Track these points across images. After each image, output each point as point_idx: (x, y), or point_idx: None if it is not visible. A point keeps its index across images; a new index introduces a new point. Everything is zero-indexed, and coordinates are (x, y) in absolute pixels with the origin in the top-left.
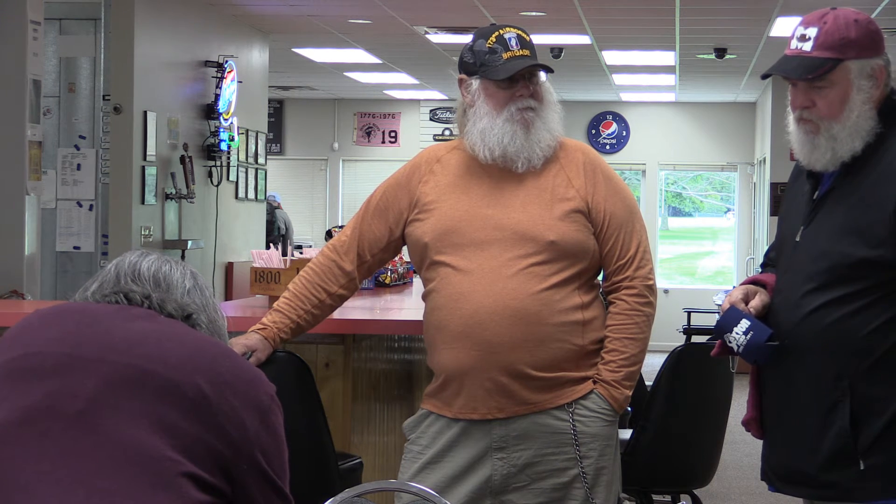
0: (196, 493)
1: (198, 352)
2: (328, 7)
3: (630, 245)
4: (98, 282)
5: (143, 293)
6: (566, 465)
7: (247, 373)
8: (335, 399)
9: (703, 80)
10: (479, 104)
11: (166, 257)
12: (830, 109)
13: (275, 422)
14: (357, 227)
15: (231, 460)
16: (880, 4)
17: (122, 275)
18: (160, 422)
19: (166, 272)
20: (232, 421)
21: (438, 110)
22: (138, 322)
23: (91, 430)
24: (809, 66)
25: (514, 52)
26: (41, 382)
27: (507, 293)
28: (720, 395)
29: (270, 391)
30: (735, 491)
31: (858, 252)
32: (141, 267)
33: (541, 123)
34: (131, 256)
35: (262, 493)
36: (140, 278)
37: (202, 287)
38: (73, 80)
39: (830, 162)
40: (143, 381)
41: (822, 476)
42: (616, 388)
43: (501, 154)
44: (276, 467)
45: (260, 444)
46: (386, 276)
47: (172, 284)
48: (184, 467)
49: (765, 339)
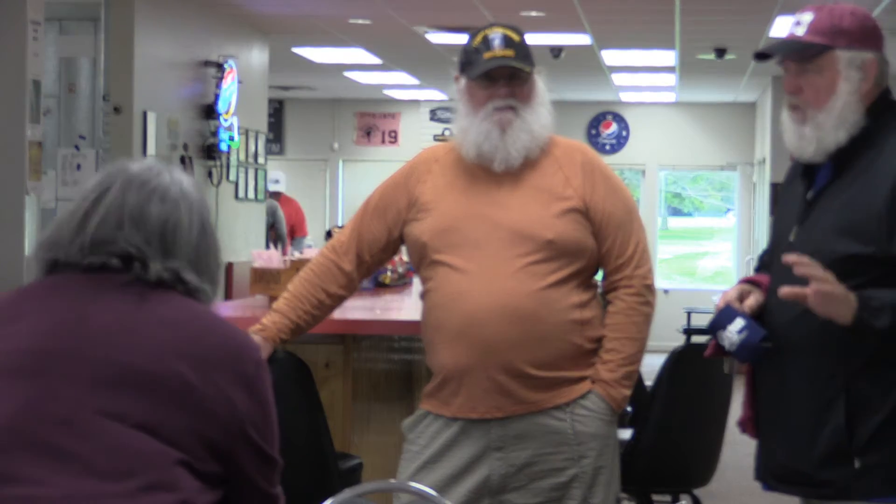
0: (191, 482)
1: (179, 332)
2: (328, 7)
3: (628, 244)
4: (100, 217)
5: (139, 251)
6: (564, 464)
7: (231, 344)
8: (335, 399)
9: (703, 80)
10: (462, 103)
11: (178, 185)
12: (816, 97)
13: (262, 388)
14: (356, 227)
15: (221, 442)
16: (880, 4)
17: (126, 217)
18: (146, 418)
19: (175, 222)
20: (219, 402)
21: (438, 110)
22: (118, 303)
23: (78, 436)
24: (797, 47)
25: (494, 52)
26: (23, 384)
27: (505, 292)
28: (720, 396)
29: (256, 356)
30: (735, 491)
31: (850, 249)
32: (150, 212)
33: (519, 123)
34: (140, 189)
35: (253, 464)
36: (145, 226)
37: (209, 231)
38: (73, 80)
39: (817, 152)
40: (124, 379)
41: (817, 474)
42: (614, 388)
43: (477, 154)
44: (266, 434)
45: (249, 417)
46: (386, 276)
47: (179, 239)
48: (175, 461)
49: (758, 340)
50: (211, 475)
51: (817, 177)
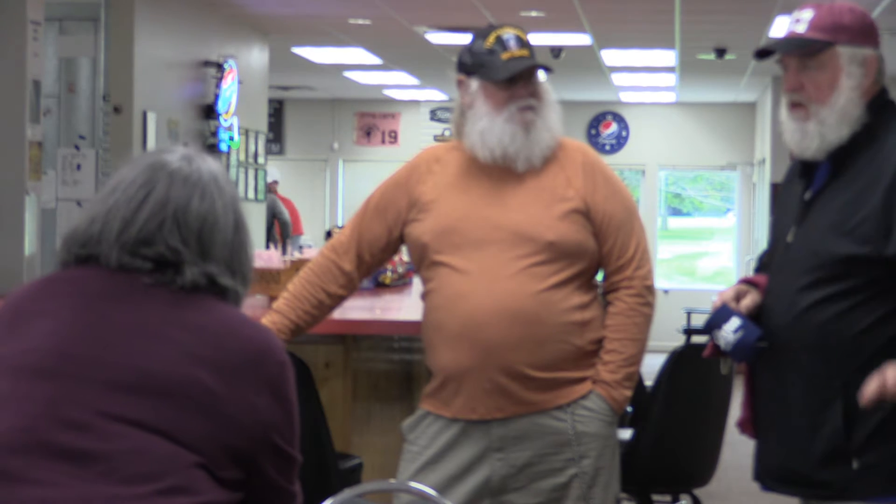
0: (209, 485)
1: (199, 336)
2: (328, 7)
3: (629, 245)
4: (146, 215)
5: (177, 254)
6: (565, 465)
7: (254, 347)
8: (335, 399)
9: (703, 80)
10: (478, 105)
11: (213, 179)
12: (819, 93)
13: (287, 389)
14: (356, 227)
15: (245, 449)
16: (880, 4)
17: (168, 216)
18: (164, 424)
19: (213, 220)
20: (242, 409)
21: (438, 110)
22: (143, 307)
23: (96, 439)
24: (800, 43)
25: (512, 52)
26: (42, 385)
27: (506, 294)
28: (720, 396)
29: (280, 357)
30: (735, 491)
31: (848, 250)
32: (191, 210)
33: (541, 123)
34: (183, 185)
35: (275, 467)
36: (186, 226)
37: (243, 225)
38: (73, 80)
39: (819, 149)
40: (142, 384)
41: (815, 475)
42: (615, 389)
43: (502, 154)
44: (289, 436)
45: (273, 422)
46: (386, 276)
47: (216, 238)
48: (193, 464)
49: (754, 339)
50: (231, 480)
51: (815, 177)
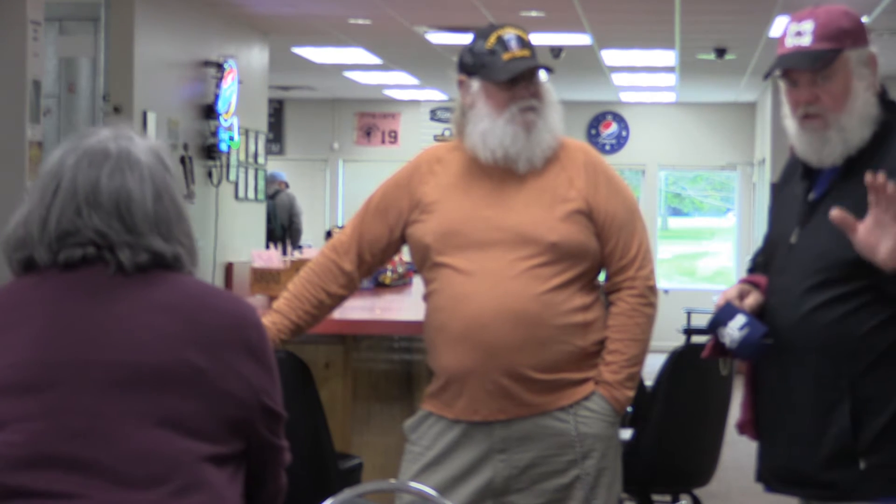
0: (217, 476)
1: (177, 317)
2: (328, 7)
3: (631, 245)
4: (59, 209)
5: (103, 237)
6: (568, 466)
7: (231, 316)
8: (335, 399)
9: (703, 80)
10: (479, 105)
11: (126, 153)
12: (835, 102)
13: (266, 350)
14: (357, 227)
15: (241, 417)
16: (880, 4)
17: (81, 202)
18: (166, 413)
19: (127, 194)
20: (232, 380)
21: (438, 110)
22: (108, 299)
23: (102, 445)
24: (814, 57)
25: (513, 52)
26: (35, 400)
27: (509, 295)
28: (720, 396)
29: (255, 320)
30: (735, 491)
31: (855, 252)
32: (101, 190)
33: (542, 124)
34: (89, 167)
35: (267, 427)
36: (101, 207)
37: (167, 196)
38: (73, 80)
39: (843, 155)
40: (135, 378)
41: (821, 476)
42: (618, 390)
43: (503, 155)
44: (275, 395)
45: (262, 385)
46: (386, 276)
47: (134, 208)
48: (201, 457)
49: (760, 336)
50: (234, 456)
51: (819, 178)
